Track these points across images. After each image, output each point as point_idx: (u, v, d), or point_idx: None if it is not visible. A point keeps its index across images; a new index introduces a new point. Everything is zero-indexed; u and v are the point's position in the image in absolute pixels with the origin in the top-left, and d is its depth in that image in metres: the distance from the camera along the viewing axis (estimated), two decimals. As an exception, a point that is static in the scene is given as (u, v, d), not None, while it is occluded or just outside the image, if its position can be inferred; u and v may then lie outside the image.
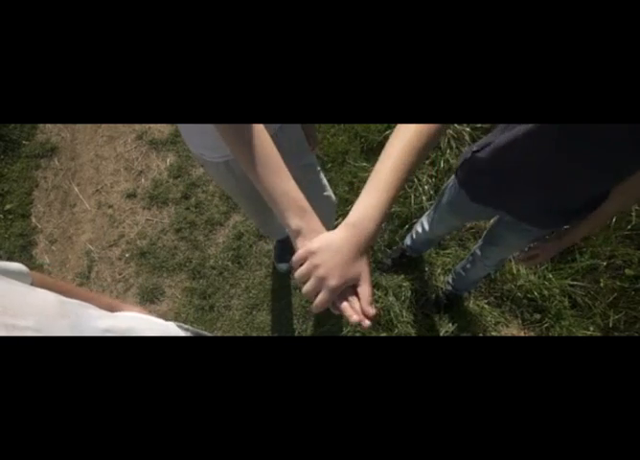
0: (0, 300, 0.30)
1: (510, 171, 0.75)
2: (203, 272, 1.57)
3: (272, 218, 1.34)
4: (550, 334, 1.42)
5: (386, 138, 1.64)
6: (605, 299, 1.39)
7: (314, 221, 0.49)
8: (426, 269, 1.54)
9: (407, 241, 1.43)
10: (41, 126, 1.85)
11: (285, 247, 1.58)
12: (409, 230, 1.48)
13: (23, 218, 1.68)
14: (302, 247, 0.48)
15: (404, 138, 0.50)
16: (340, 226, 0.48)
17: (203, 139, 0.81)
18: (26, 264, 1.08)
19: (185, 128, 0.84)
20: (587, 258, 1.40)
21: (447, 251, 1.53)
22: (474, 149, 0.82)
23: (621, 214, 1.36)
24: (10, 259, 1.62)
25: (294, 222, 0.48)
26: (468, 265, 1.27)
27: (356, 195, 1.70)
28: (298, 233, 0.48)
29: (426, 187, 1.55)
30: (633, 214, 1.35)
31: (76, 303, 0.41)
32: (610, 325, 1.38)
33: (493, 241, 1.05)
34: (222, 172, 0.88)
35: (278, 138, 0.84)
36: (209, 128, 0.54)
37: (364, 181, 1.70)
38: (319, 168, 1.05)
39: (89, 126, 1.83)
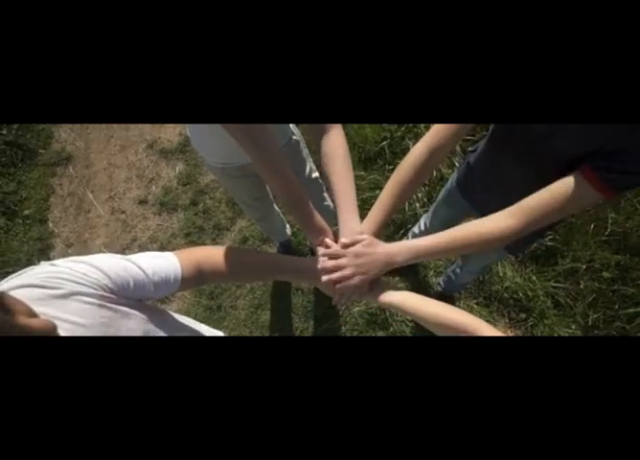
0: None
1: (485, 180, 0.86)
2: (211, 274, 1.66)
3: (275, 223, 1.45)
4: (534, 332, 1.53)
5: (382, 148, 1.73)
6: (585, 299, 1.49)
7: (331, 235, 0.69)
8: (420, 272, 1.64)
9: (412, 233, 1.53)
10: (57, 135, 1.95)
11: (287, 250, 1.68)
12: (404, 235, 1.58)
13: (41, 223, 1.78)
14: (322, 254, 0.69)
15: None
16: None
17: (215, 147, 0.89)
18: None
19: (198, 138, 0.92)
20: (568, 261, 1.51)
21: (439, 255, 1.63)
22: (470, 149, 0.93)
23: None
24: (28, 262, 1.72)
25: (317, 240, 0.69)
26: (458, 270, 1.37)
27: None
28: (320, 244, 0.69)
29: (420, 195, 1.65)
30: (610, 221, 1.45)
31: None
32: (590, 323, 1.48)
33: None
34: (232, 179, 0.98)
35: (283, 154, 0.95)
36: (221, 138, 0.64)
37: (361, 189, 1.81)
38: (321, 181, 1.15)
39: (102, 135, 1.94)
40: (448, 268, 1.48)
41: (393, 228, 1.66)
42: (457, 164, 1.62)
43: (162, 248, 1.72)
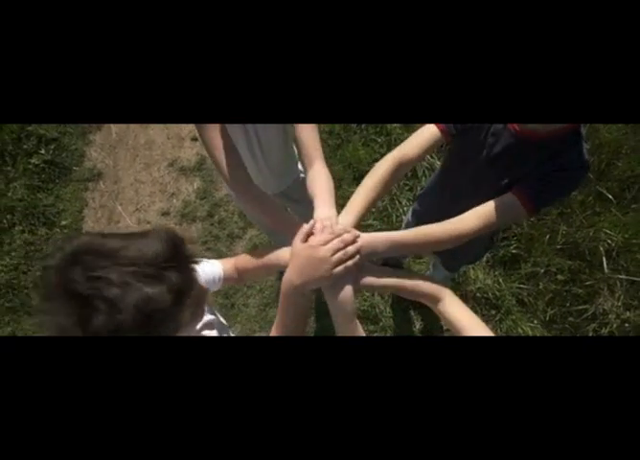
0: None
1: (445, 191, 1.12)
2: (226, 277, 1.93)
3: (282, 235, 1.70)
4: (502, 326, 1.79)
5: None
6: (544, 298, 1.74)
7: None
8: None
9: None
10: (88, 154, 2.21)
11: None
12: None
13: (76, 233, 2.04)
14: None
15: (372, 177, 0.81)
16: None
17: None
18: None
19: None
20: (530, 266, 1.77)
21: (422, 260, 1.90)
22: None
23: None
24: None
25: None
26: (435, 274, 1.65)
27: (350, 215, 2.00)
28: None
29: (405, 208, 1.93)
30: (563, 232, 1.72)
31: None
32: (548, 319, 1.74)
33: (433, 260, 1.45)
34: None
35: (290, 189, 1.22)
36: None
37: None
38: None
39: (129, 154, 2.20)
40: (427, 272, 1.75)
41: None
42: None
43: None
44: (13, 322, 1.88)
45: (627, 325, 1.64)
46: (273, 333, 0.71)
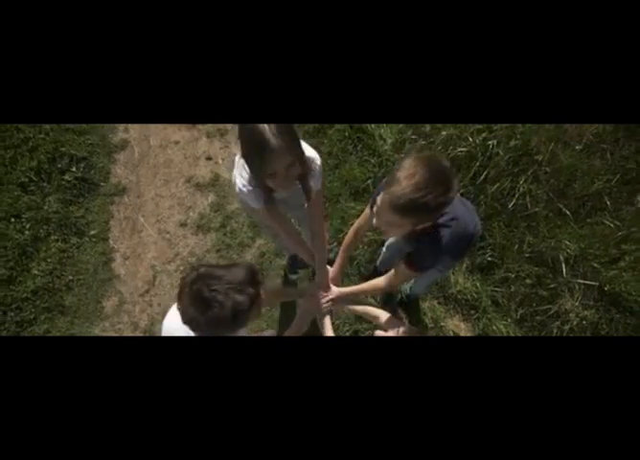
0: None
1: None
2: (237, 281, 2.18)
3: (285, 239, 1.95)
4: (479, 324, 2.04)
5: (368, 186, 2.38)
6: (515, 299, 2.00)
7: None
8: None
9: (379, 258, 2.07)
10: (113, 171, 2.48)
11: (295, 261, 2.20)
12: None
13: (104, 241, 2.30)
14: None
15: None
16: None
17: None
18: (106, 275, 1.94)
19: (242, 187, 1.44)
20: (503, 271, 2.04)
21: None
22: None
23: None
24: (94, 272, 2.23)
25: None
26: (412, 285, 1.92)
27: (346, 226, 2.48)
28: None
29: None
30: (530, 243, 2.00)
31: None
32: (519, 317, 2.00)
33: None
34: (257, 211, 1.50)
35: (289, 197, 1.48)
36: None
37: (353, 216, 2.48)
38: None
39: (150, 172, 2.46)
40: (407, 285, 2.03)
41: (375, 246, 2.19)
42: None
43: (199, 261, 2.24)
44: (49, 320, 2.12)
45: (584, 322, 1.90)
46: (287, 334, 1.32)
